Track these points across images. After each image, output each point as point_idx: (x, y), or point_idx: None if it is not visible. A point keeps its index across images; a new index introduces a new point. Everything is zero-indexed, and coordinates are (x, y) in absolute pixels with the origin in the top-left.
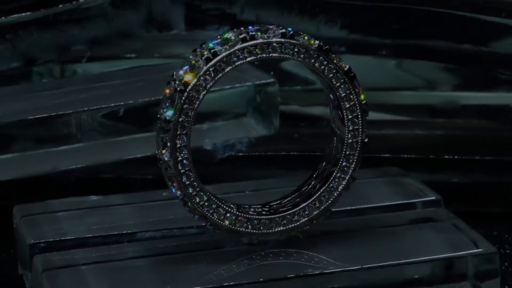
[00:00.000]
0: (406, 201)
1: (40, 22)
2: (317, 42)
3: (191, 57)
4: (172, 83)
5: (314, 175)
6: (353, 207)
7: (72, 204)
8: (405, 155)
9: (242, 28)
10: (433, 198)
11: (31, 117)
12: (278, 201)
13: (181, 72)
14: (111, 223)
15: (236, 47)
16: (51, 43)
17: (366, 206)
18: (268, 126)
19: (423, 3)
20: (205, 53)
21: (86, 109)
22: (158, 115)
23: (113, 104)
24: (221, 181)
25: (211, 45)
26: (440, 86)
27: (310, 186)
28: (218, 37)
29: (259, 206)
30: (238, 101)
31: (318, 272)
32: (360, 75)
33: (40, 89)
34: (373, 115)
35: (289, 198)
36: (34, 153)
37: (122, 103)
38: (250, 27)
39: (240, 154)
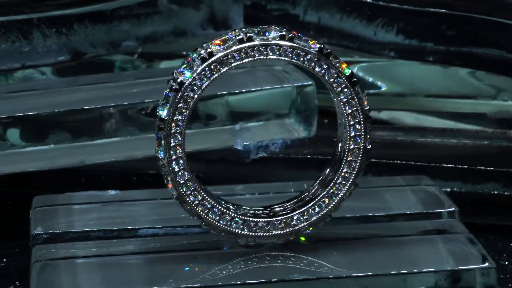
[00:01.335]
0: (421, 211)
1: (96, 16)
2: (317, 45)
3: (191, 54)
4: (171, 81)
5: (318, 180)
6: (364, 214)
7: (89, 198)
8: (450, 165)
9: (244, 29)
10: (450, 209)
11: (64, 109)
12: (280, 204)
13: (178, 71)
14: (119, 218)
15: (232, 48)
16: (103, 38)
17: (377, 214)
18: (307, 128)
19: (479, 11)
20: (202, 52)
21: (120, 104)
22: (156, 113)
23: (147, 101)
24: (257, 181)
25: (206, 45)
26: (501, 96)
27: (313, 191)
28: (220, 37)
29: (260, 208)
30: (281, 102)
31: (312, 277)
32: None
33: (85, 83)
34: (424, 122)
35: (291, 202)
36: (67, 146)
37: (153, 100)
38: (251, 28)
39: (273, 155)
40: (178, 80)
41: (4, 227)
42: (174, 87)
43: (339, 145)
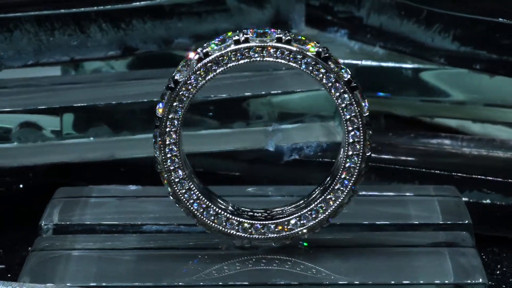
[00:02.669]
0: (434, 222)
1: (155, 12)
2: (315, 49)
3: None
4: (170, 79)
5: (321, 186)
6: (377, 222)
7: (108, 191)
8: (493, 177)
9: (244, 30)
10: (464, 222)
11: (106, 103)
12: (281, 208)
13: (177, 69)
14: (128, 213)
15: (228, 49)
16: (163, 34)
17: (390, 222)
18: None
19: None
20: (199, 52)
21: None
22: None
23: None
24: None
25: (206, 44)
26: None
27: (313, 196)
28: (220, 37)
29: (260, 210)
30: (326, 104)
31: (299, 283)
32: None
33: (135, 78)
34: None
35: (291, 206)
36: (102, 139)
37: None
38: (249, 30)
39: (305, 158)
40: (174, 79)
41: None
42: (170, 85)
43: (341, 150)
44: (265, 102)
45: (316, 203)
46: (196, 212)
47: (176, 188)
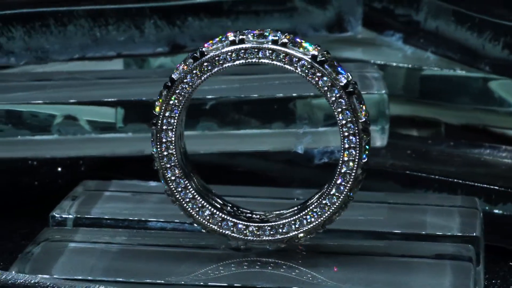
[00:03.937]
0: (441, 233)
1: (213, 9)
2: (312, 52)
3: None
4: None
5: (319, 191)
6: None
7: (128, 187)
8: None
9: (244, 31)
10: (471, 235)
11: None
12: (279, 211)
13: (176, 68)
14: (137, 209)
15: (224, 49)
16: (212, 32)
17: (397, 231)
18: (381, 137)
19: None
20: (196, 52)
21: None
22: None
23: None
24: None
25: (206, 44)
26: None
27: (311, 200)
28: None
29: (259, 212)
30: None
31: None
32: None
33: None
34: None
35: (290, 209)
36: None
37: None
38: (248, 31)
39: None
40: (171, 77)
41: None
42: (167, 84)
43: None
44: (307, 103)
45: (311, 207)
46: (191, 211)
47: (172, 186)
